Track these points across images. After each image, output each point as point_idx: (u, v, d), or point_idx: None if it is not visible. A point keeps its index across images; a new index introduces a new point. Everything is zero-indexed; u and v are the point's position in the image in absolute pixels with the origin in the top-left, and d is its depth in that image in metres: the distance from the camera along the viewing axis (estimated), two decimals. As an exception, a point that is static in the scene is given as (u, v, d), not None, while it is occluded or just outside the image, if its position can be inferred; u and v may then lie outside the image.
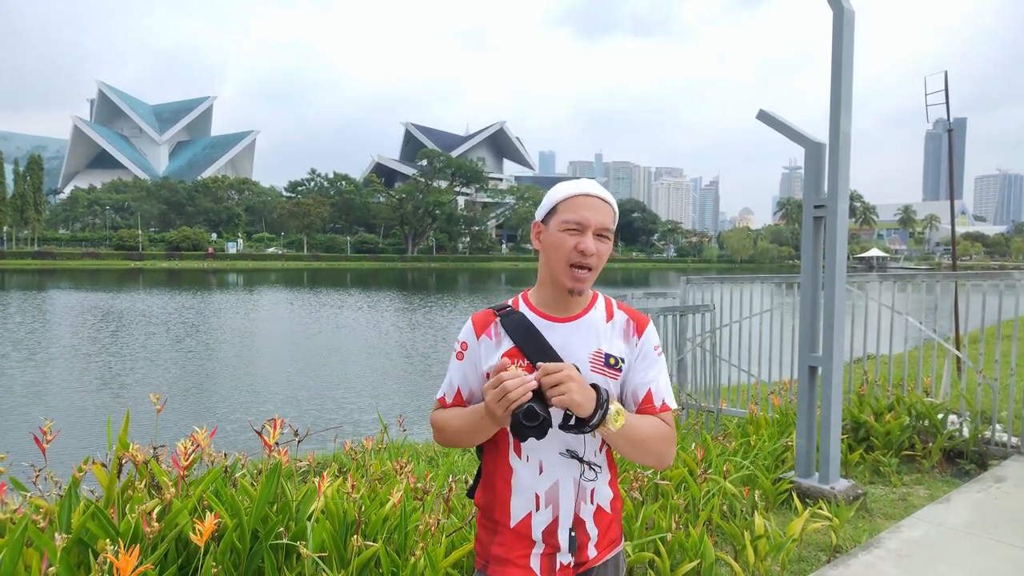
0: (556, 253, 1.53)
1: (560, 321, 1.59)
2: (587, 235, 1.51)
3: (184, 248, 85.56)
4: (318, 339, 21.23)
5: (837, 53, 4.18)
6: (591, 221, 1.51)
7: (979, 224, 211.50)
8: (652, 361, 1.62)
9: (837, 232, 4.28)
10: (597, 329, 1.59)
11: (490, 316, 1.63)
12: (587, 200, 1.53)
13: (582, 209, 1.52)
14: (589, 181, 1.58)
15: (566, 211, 1.53)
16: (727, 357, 6.51)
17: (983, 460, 5.15)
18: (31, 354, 16.97)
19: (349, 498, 2.81)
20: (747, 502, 3.98)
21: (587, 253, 1.50)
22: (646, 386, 1.60)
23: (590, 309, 1.61)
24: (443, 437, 1.66)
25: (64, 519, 2.31)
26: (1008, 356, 5.55)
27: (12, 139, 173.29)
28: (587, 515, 1.59)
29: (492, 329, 1.62)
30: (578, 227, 1.51)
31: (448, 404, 1.67)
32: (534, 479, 1.56)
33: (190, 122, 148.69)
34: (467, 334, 1.65)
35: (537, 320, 1.59)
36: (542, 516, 1.57)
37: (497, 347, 1.59)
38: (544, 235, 1.58)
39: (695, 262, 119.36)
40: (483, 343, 1.61)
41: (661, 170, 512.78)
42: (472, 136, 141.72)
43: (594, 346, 1.57)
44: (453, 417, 1.62)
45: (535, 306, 1.62)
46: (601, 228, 1.52)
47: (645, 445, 1.53)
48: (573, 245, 1.50)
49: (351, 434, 8.62)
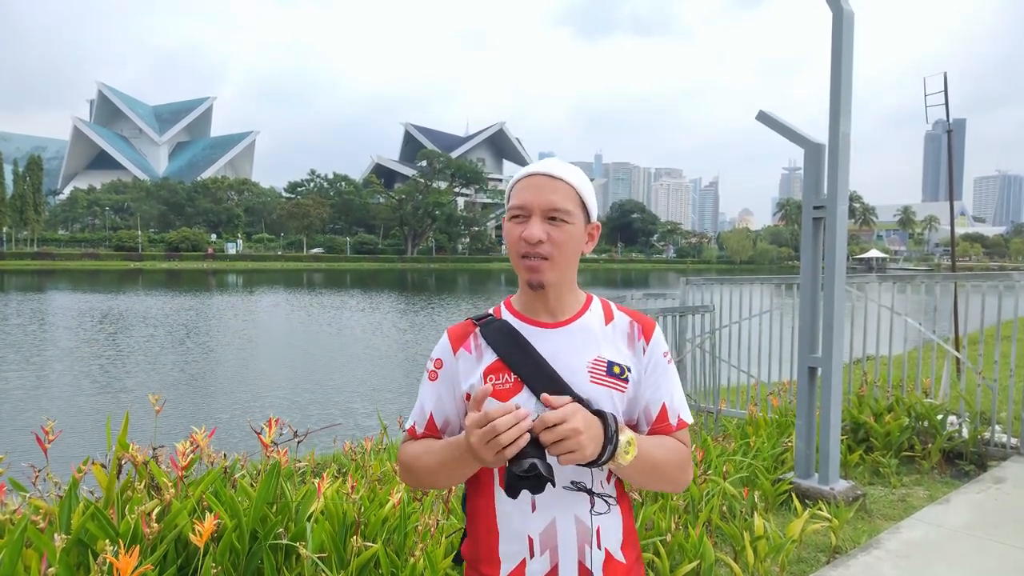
0: (508, 247, 1.34)
1: (549, 327, 1.35)
2: (532, 220, 1.28)
3: (184, 249, 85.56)
4: (317, 340, 21.23)
5: (836, 54, 4.19)
6: (533, 204, 1.28)
7: (978, 225, 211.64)
8: (664, 371, 1.39)
9: (837, 233, 4.29)
10: (594, 333, 1.36)
11: (469, 327, 1.40)
12: (531, 181, 1.31)
13: (524, 192, 1.30)
14: (544, 160, 1.36)
15: (512, 198, 1.33)
16: (727, 358, 6.51)
17: (982, 461, 5.15)
18: (30, 355, 16.96)
19: (349, 499, 2.81)
20: (747, 503, 3.98)
21: (530, 240, 1.27)
22: (660, 401, 1.37)
23: (584, 311, 1.39)
24: (413, 478, 1.37)
25: (64, 520, 2.30)
26: (1007, 357, 5.55)
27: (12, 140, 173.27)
28: (595, 564, 1.30)
29: (471, 341, 1.38)
30: (521, 212, 1.30)
31: (419, 435, 1.40)
32: (525, 519, 1.30)
33: (190, 123, 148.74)
34: (442, 349, 1.40)
35: (523, 327, 1.36)
36: (537, 565, 1.30)
37: (478, 361, 1.35)
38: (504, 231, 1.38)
39: (694, 263, 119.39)
40: (461, 358, 1.37)
41: (660, 171, 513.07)
42: (472, 137, 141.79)
43: (592, 353, 1.34)
44: (424, 453, 1.34)
45: (519, 311, 1.39)
46: (549, 209, 1.28)
47: (659, 473, 1.30)
48: (519, 235, 1.29)
49: (351, 435, 8.62)
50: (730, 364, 6.52)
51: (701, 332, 6.52)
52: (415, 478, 1.37)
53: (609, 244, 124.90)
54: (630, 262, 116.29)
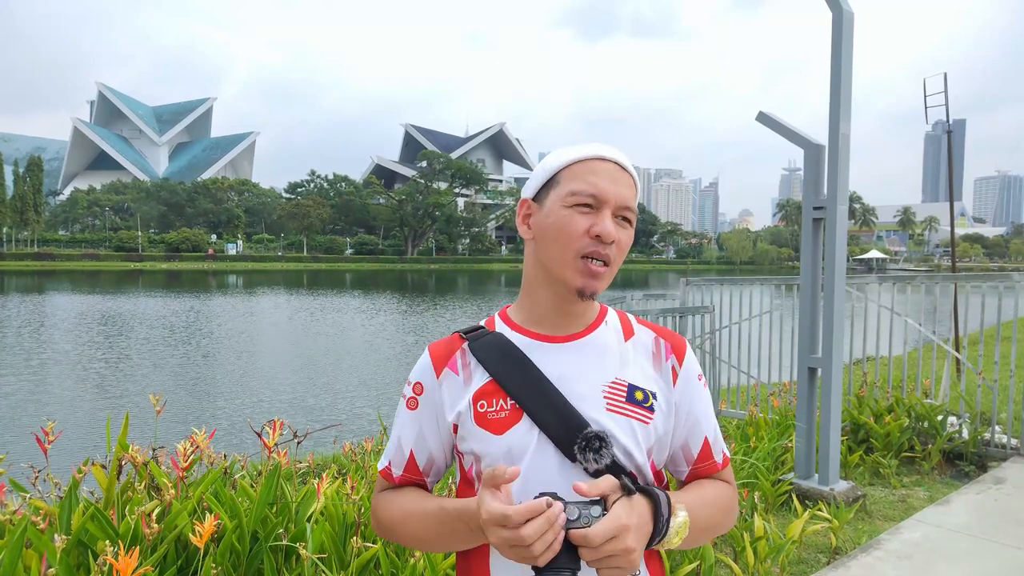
0: (559, 239, 1.05)
1: (555, 340, 1.10)
2: (604, 214, 1.04)
3: (184, 249, 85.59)
4: (317, 340, 21.22)
5: (836, 54, 4.19)
6: (610, 194, 1.04)
7: (978, 226, 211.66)
8: (702, 399, 1.16)
9: (836, 234, 4.29)
10: (612, 350, 1.11)
11: (455, 342, 1.15)
12: (603, 166, 1.05)
13: (597, 178, 1.04)
14: (602, 144, 1.09)
15: (572, 180, 1.05)
16: (727, 359, 6.51)
17: (982, 462, 5.15)
18: (30, 357, 16.96)
19: (349, 499, 2.81)
20: (747, 504, 3.98)
21: (606, 238, 1.03)
22: (702, 436, 1.14)
23: (599, 324, 1.13)
24: (393, 538, 1.13)
25: (64, 520, 2.30)
26: (1007, 358, 5.55)
27: (12, 140, 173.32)
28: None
29: (458, 360, 1.12)
30: (592, 201, 1.04)
31: (395, 479, 1.15)
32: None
33: (190, 123, 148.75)
34: (422, 371, 1.15)
35: (522, 341, 1.10)
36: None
37: (467, 384, 1.10)
38: (537, 217, 1.09)
39: (695, 263, 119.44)
40: (446, 382, 1.12)
41: (661, 171, 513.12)
42: (472, 137, 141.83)
43: (610, 375, 1.09)
44: (409, 516, 1.08)
45: (519, 324, 1.14)
46: (623, 207, 1.06)
47: (706, 537, 1.09)
48: (586, 228, 1.03)
49: (351, 435, 8.62)
50: (730, 365, 6.52)
51: (701, 333, 6.52)
52: (397, 540, 1.13)
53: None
54: (630, 263, 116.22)
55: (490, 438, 1.06)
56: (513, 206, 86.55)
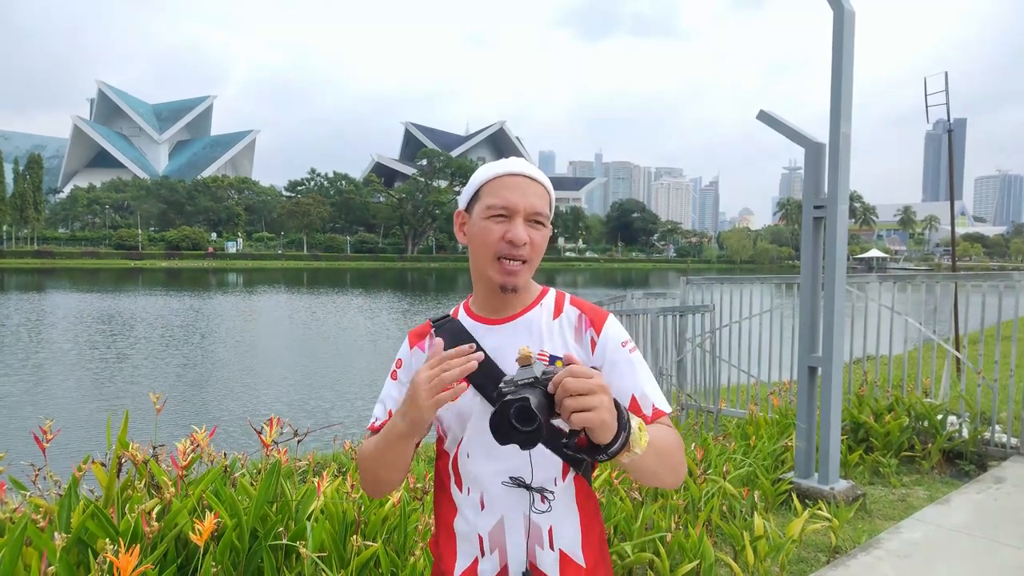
0: (481, 245, 1.29)
1: (495, 323, 1.35)
2: (516, 221, 1.26)
3: (184, 247, 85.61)
4: (318, 339, 21.23)
5: (837, 53, 4.19)
6: (519, 205, 1.26)
7: (979, 225, 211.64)
8: (625, 361, 1.32)
9: (837, 233, 4.28)
10: (539, 327, 1.33)
11: (427, 327, 1.42)
12: (513, 180, 1.28)
13: (508, 191, 1.27)
14: (516, 159, 1.32)
15: (489, 195, 1.28)
16: (727, 357, 6.50)
17: (982, 461, 5.15)
18: (29, 355, 16.97)
19: (348, 498, 2.81)
20: (747, 503, 3.98)
21: (517, 243, 1.25)
22: (628, 393, 1.29)
23: (533, 306, 1.36)
24: (364, 476, 1.36)
25: (64, 518, 2.30)
26: (1008, 357, 5.55)
27: (12, 138, 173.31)
28: (548, 565, 1.27)
29: (426, 341, 1.40)
30: (504, 212, 1.26)
31: (377, 428, 1.38)
32: (476, 517, 1.30)
33: (190, 121, 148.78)
34: (403, 350, 1.44)
35: (472, 325, 1.36)
36: (488, 564, 1.29)
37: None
38: (468, 226, 1.33)
39: (695, 262, 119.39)
40: (415, 358, 1.40)
41: (661, 170, 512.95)
42: (472, 136, 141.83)
43: (534, 348, 1.29)
44: (372, 440, 1.34)
45: (472, 311, 1.39)
46: (532, 213, 1.27)
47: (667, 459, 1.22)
48: (500, 235, 1.26)
49: (351, 434, 8.62)
50: (730, 364, 6.52)
51: (701, 332, 6.52)
52: (364, 476, 1.35)
53: (609, 243, 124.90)
54: (630, 261, 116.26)
55: (447, 404, 1.21)
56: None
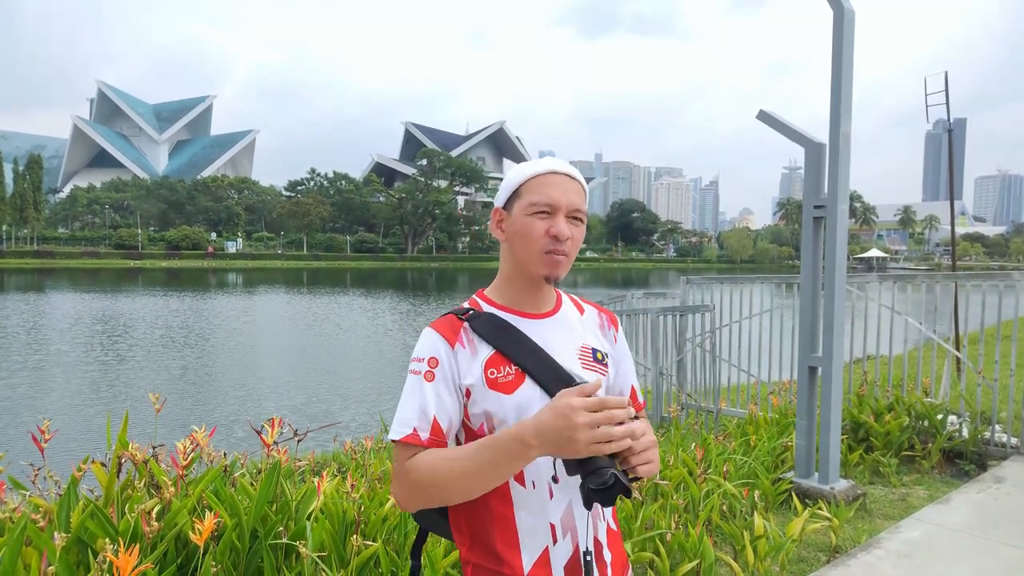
0: (525, 241, 1.33)
1: (538, 317, 1.39)
2: (559, 217, 1.32)
3: (184, 247, 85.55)
4: (318, 339, 21.23)
5: (837, 53, 4.18)
6: (561, 202, 1.32)
7: (979, 225, 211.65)
8: (628, 357, 1.54)
9: (837, 232, 4.28)
10: (575, 323, 1.44)
11: (455, 322, 1.35)
12: (555, 179, 1.34)
13: (551, 189, 1.33)
14: (554, 159, 1.39)
15: (532, 192, 1.33)
16: (727, 357, 6.50)
17: (983, 461, 5.15)
18: (29, 355, 16.96)
19: (348, 497, 2.81)
20: (747, 502, 3.98)
21: (561, 237, 1.31)
22: (629, 384, 1.51)
23: (562, 304, 1.46)
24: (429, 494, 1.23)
25: (63, 518, 2.30)
26: (1008, 357, 5.55)
27: (12, 138, 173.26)
28: (602, 535, 1.37)
29: (464, 336, 1.34)
30: (548, 209, 1.32)
31: (424, 441, 1.26)
32: (545, 507, 1.30)
33: (190, 121, 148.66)
34: (434, 347, 1.32)
35: (512, 318, 1.37)
36: (561, 549, 1.30)
37: (474, 356, 1.31)
38: (507, 223, 1.37)
39: (695, 262, 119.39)
40: (459, 354, 1.32)
41: (661, 170, 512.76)
42: (472, 136, 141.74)
43: (578, 341, 1.40)
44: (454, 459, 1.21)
45: (503, 304, 1.39)
46: (573, 210, 1.34)
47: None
48: (544, 230, 1.31)
49: (351, 433, 8.63)
50: (730, 363, 6.52)
51: (701, 331, 6.52)
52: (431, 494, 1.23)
53: (609, 243, 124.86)
54: (630, 261, 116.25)
55: (502, 398, 1.29)
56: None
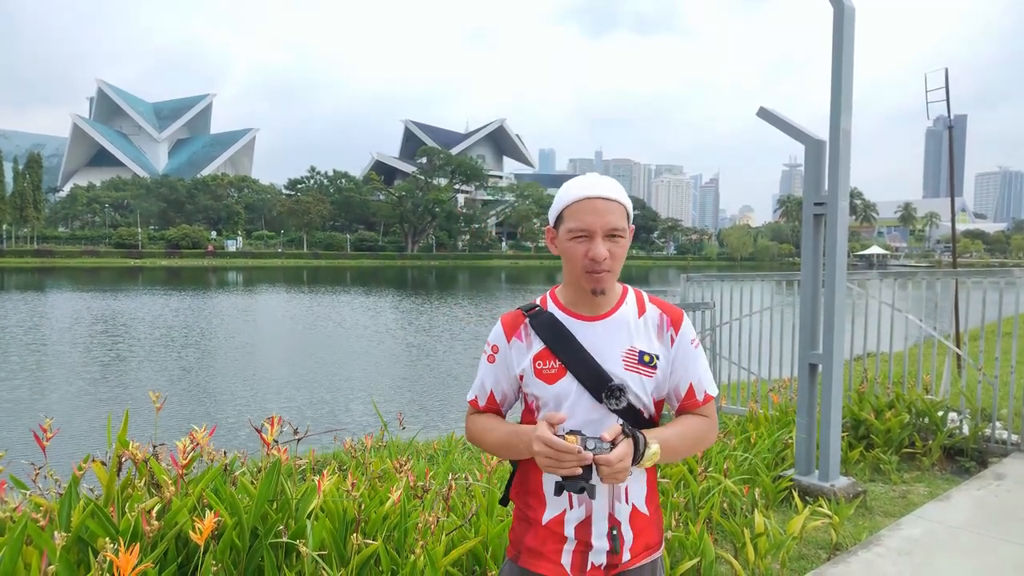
0: (570, 262, 1.52)
1: (590, 320, 1.56)
2: (596, 241, 1.47)
3: (184, 246, 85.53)
4: (318, 338, 21.23)
5: (837, 50, 4.18)
6: (596, 227, 1.47)
7: (979, 221, 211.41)
8: (692, 355, 1.61)
9: (837, 230, 4.28)
10: (629, 326, 1.57)
11: (519, 317, 1.62)
12: (590, 204, 1.48)
13: (585, 215, 1.48)
14: (592, 179, 1.53)
15: (571, 219, 1.50)
16: (727, 355, 6.50)
17: (983, 458, 5.15)
18: (29, 354, 16.96)
19: (349, 496, 2.80)
20: (747, 500, 3.98)
21: (598, 260, 1.47)
22: (688, 381, 1.60)
23: (620, 305, 1.59)
24: (478, 444, 1.70)
25: (64, 517, 2.30)
26: (1008, 353, 5.54)
27: (12, 137, 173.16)
28: (623, 516, 1.57)
29: (522, 330, 1.61)
30: (584, 234, 1.48)
31: (481, 407, 1.68)
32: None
33: (189, 120, 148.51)
34: (497, 337, 1.64)
35: (567, 319, 1.57)
36: (575, 514, 1.56)
37: (528, 348, 1.58)
38: (557, 241, 1.56)
39: (695, 260, 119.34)
40: (514, 346, 1.61)
41: (661, 167, 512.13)
42: (472, 133, 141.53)
43: (626, 344, 1.55)
44: (490, 430, 1.63)
45: (564, 305, 1.60)
46: (609, 231, 1.48)
47: (677, 457, 1.59)
48: (583, 253, 1.48)
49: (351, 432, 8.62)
50: (730, 361, 6.51)
51: (702, 329, 6.52)
52: (479, 445, 1.68)
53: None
54: (631, 259, 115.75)
55: (545, 387, 1.56)
56: (513, 202, 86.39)
